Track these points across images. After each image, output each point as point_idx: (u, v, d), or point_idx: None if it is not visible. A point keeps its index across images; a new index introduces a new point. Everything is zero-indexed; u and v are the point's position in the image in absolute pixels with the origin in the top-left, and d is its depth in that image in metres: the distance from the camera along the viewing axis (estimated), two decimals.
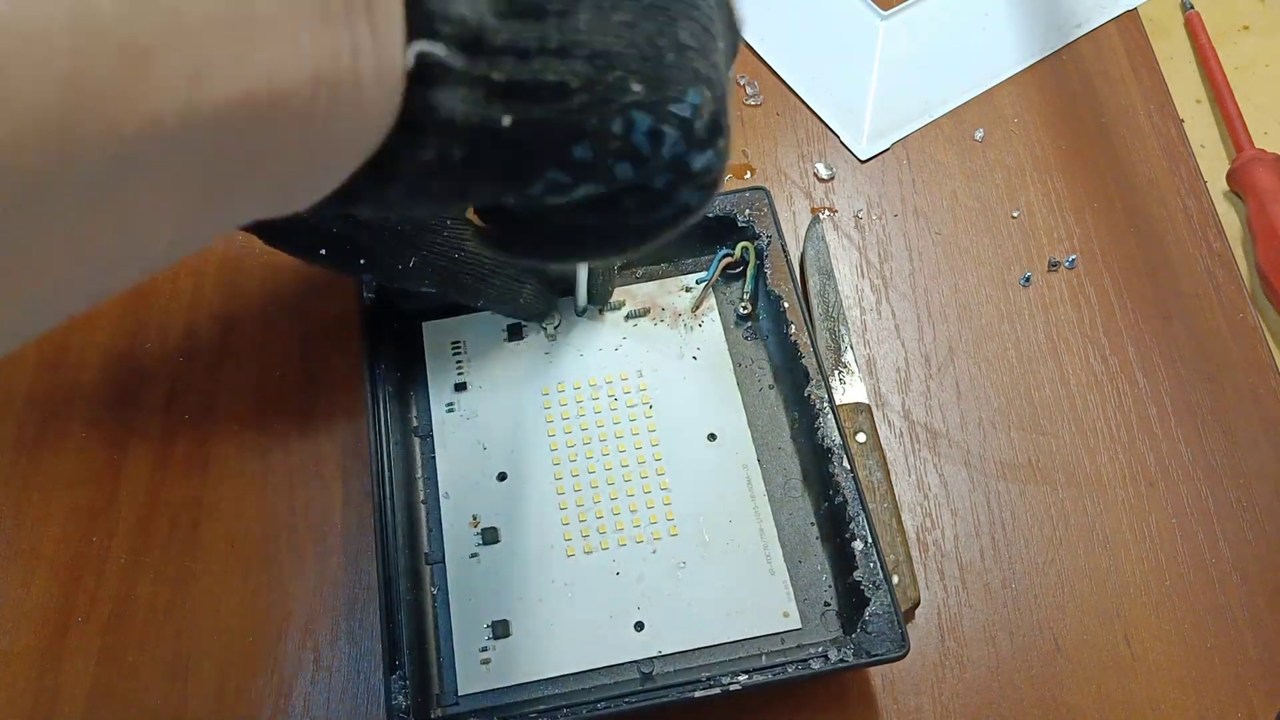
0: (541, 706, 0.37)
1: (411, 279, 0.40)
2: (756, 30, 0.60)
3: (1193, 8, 0.70)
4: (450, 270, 0.40)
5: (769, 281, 0.46)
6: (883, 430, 0.47)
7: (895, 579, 0.42)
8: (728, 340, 0.46)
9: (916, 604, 0.42)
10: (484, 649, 0.39)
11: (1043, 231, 0.53)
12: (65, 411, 0.47)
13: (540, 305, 0.45)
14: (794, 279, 0.46)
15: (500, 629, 0.39)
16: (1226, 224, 0.57)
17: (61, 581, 0.43)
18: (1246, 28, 0.71)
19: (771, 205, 0.47)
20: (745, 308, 0.47)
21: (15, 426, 0.47)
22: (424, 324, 0.46)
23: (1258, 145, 0.64)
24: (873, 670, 0.41)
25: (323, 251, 0.38)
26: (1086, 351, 0.49)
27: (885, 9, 0.62)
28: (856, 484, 0.41)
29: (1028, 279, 0.52)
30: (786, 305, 0.45)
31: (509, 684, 0.38)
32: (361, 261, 0.39)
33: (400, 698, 0.37)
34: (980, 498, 0.46)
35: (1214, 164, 0.63)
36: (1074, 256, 0.52)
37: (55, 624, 0.42)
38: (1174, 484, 0.46)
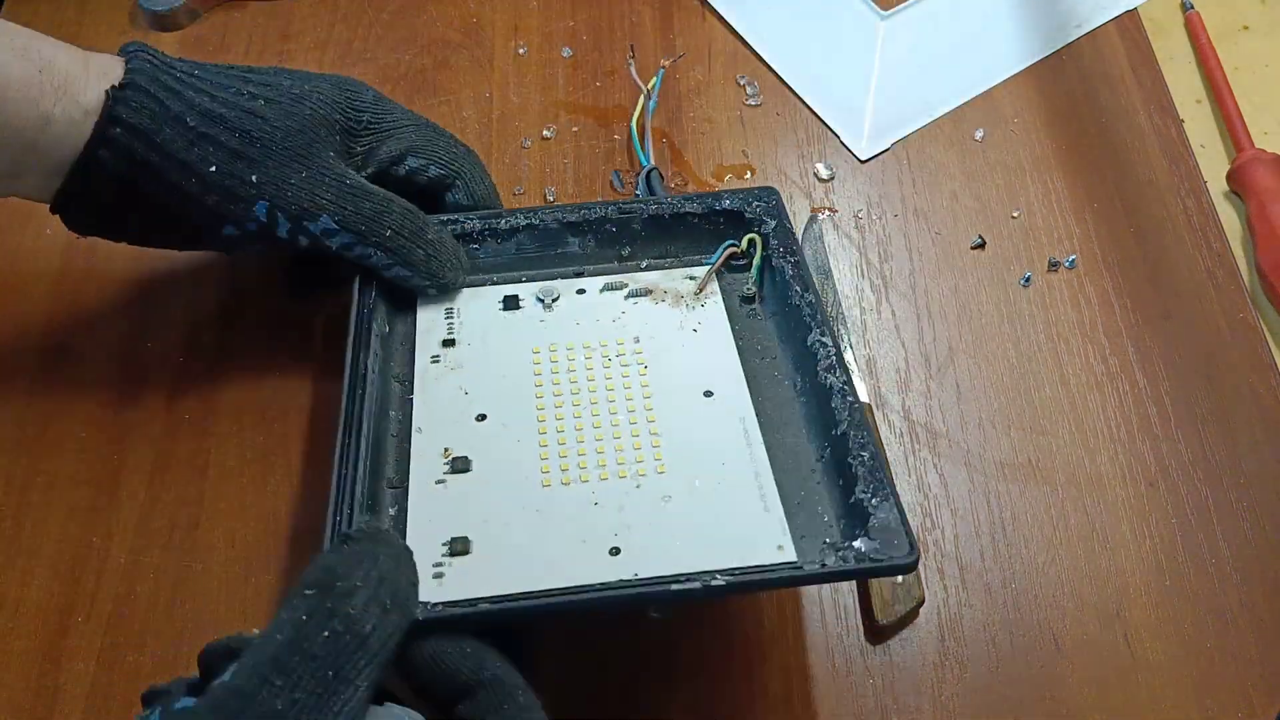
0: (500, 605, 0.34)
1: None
2: (756, 30, 0.61)
3: (1193, 8, 0.70)
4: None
5: (774, 262, 0.45)
6: (883, 430, 0.47)
7: (898, 579, 0.42)
8: (730, 317, 0.44)
9: (921, 602, 0.42)
10: (437, 564, 0.36)
11: (1043, 231, 0.53)
12: (65, 411, 0.47)
13: (445, 265, 0.45)
14: (800, 257, 0.45)
15: (459, 545, 0.36)
16: (1226, 224, 0.57)
17: (62, 581, 0.43)
18: (1246, 28, 0.71)
19: (781, 205, 0.46)
20: (750, 289, 0.46)
21: (15, 426, 0.47)
22: (419, 300, 0.45)
23: (1258, 145, 0.64)
24: (872, 670, 0.41)
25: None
26: (1086, 351, 0.49)
27: (885, 9, 0.62)
28: (860, 416, 0.38)
29: (1028, 279, 0.52)
30: (792, 273, 0.44)
31: (461, 598, 0.34)
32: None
33: None
34: (980, 498, 0.45)
35: (1214, 164, 0.63)
36: (1074, 256, 0.52)
37: (55, 624, 0.42)
38: (1174, 484, 0.46)
